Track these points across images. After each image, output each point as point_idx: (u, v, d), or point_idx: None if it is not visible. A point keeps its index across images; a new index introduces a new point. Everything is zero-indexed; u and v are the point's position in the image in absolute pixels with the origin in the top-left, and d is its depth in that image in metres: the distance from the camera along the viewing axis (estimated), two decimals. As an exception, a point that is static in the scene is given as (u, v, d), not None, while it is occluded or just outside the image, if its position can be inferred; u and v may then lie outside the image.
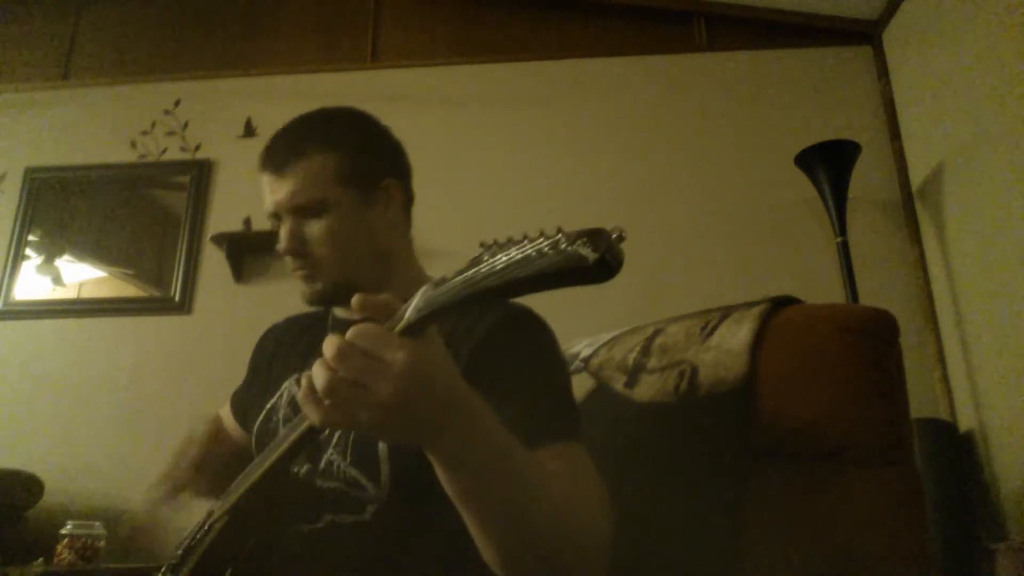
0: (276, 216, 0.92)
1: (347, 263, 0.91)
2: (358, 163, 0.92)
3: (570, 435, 0.76)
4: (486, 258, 0.46)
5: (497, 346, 0.82)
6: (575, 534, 0.64)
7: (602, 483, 0.72)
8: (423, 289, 0.51)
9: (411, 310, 0.52)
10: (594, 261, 0.40)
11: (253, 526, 0.75)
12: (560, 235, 0.42)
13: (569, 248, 0.41)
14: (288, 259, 0.91)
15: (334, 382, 0.51)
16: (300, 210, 0.89)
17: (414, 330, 0.52)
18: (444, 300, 0.49)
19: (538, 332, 0.87)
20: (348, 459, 0.82)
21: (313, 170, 0.89)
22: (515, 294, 0.45)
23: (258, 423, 0.96)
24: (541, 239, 0.43)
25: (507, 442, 0.60)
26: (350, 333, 0.52)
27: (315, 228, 0.89)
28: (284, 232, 0.90)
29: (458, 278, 0.48)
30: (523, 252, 0.43)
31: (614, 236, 0.41)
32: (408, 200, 1.00)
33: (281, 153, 0.91)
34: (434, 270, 1.01)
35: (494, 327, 0.83)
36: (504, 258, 0.44)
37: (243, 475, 0.75)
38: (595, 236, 0.41)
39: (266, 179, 0.92)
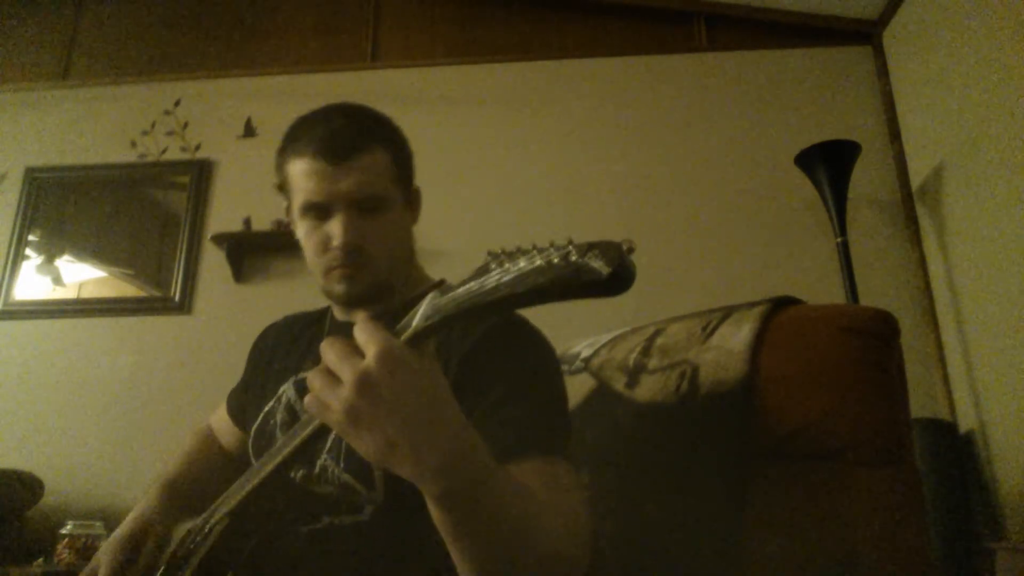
0: (318, 208, 0.87)
1: (391, 262, 0.90)
2: (405, 164, 0.93)
3: (552, 450, 0.73)
4: (494, 267, 0.44)
5: (488, 355, 0.81)
6: (534, 554, 0.60)
7: (582, 502, 0.70)
8: (430, 296, 0.50)
9: (419, 317, 0.50)
10: (608, 275, 0.38)
11: (253, 528, 0.75)
12: (570, 246, 0.40)
13: (580, 260, 0.39)
14: (335, 255, 0.86)
15: (318, 368, 0.51)
16: (362, 203, 0.86)
17: (421, 337, 0.51)
18: (452, 309, 0.47)
19: (532, 343, 0.85)
20: (342, 465, 0.81)
21: (378, 165, 0.87)
22: (525, 305, 0.43)
23: (255, 426, 0.95)
24: (550, 249, 0.42)
25: (486, 467, 0.56)
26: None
27: (372, 224, 0.87)
28: (342, 225, 0.85)
29: (466, 287, 0.46)
30: (532, 263, 0.42)
31: (625, 248, 0.39)
32: None
33: (344, 142, 0.86)
34: (433, 270, 1.02)
35: (487, 336, 0.82)
36: (513, 268, 0.43)
37: (243, 478, 0.75)
38: (606, 248, 0.39)
39: (315, 167, 0.85)
